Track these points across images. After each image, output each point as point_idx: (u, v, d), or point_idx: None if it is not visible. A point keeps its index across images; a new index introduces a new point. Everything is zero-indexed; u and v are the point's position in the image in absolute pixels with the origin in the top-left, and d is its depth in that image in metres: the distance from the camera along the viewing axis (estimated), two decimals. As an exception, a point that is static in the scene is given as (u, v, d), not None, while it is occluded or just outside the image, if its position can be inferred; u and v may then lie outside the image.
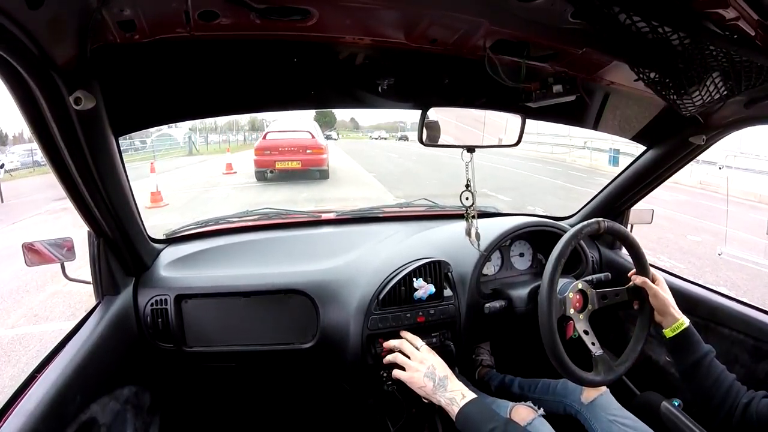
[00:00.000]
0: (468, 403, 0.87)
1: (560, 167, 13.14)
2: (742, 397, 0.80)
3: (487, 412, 0.86)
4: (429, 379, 0.92)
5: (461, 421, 0.87)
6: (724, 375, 0.84)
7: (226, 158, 12.40)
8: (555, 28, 0.79)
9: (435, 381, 0.91)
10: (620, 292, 0.95)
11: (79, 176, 0.82)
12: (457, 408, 0.87)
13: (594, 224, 0.95)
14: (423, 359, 0.95)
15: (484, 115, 1.09)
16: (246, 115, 38.67)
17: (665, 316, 0.93)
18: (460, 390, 0.90)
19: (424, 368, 0.93)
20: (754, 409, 0.78)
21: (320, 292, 1.25)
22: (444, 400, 0.89)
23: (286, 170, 8.62)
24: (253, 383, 1.56)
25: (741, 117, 1.02)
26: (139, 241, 1.17)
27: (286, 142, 8.61)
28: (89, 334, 0.96)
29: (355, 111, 62.49)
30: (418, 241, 1.43)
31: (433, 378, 0.91)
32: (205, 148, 22.38)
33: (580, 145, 14.97)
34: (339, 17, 0.76)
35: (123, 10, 0.65)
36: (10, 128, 20.66)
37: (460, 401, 0.87)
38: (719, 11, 0.60)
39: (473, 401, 0.88)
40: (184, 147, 20.15)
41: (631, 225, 1.54)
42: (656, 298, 0.95)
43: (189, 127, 22.33)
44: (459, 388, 0.90)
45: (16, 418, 0.72)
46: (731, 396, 0.81)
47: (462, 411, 0.87)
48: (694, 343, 0.88)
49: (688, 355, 0.87)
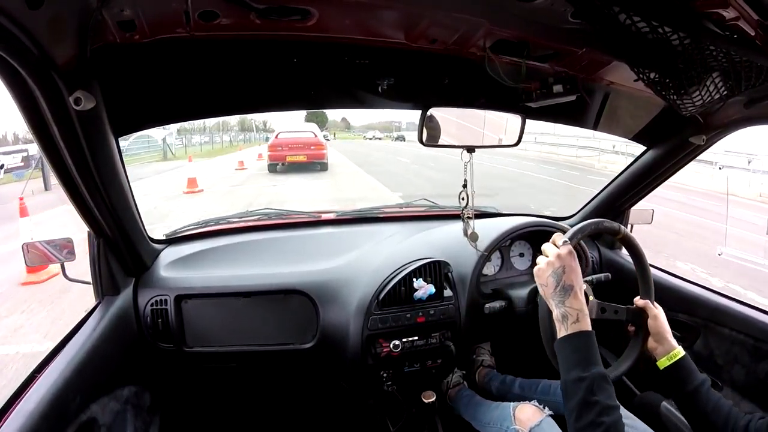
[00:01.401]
0: (571, 336, 0.75)
1: (596, 174, 10.53)
2: (740, 420, 0.80)
3: (587, 355, 0.73)
4: (553, 279, 0.80)
5: (558, 349, 0.78)
6: (722, 401, 0.82)
7: (193, 166, 9.66)
8: (555, 28, 0.79)
9: (559, 284, 0.79)
10: (620, 311, 0.92)
11: (79, 176, 0.82)
12: (562, 332, 0.77)
13: (615, 226, 0.91)
14: (560, 256, 0.81)
15: (484, 115, 1.09)
16: (236, 116, 38.40)
17: (661, 342, 0.88)
18: (578, 312, 0.76)
19: (555, 265, 0.80)
20: (753, 428, 0.77)
21: (320, 292, 1.25)
22: (556, 311, 0.79)
23: (295, 162, 10.82)
24: (253, 383, 1.56)
25: (741, 117, 1.02)
26: (139, 241, 1.17)
27: (294, 140, 10.78)
28: (89, 335, 0.96)
29: (346, 110, 62.40)
30: (418, 242, 1.43)
31: (558, 280, 0.79)
32: (183, 152, 19.18)
33: (609, 149, 13.42)
34: (339, 17, 0.76)
35: (123, 10, 0.65)
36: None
37: (569, 325, 0.76)
38: (719, 11, 0.60)
39: (579, 336, 0.75)
40: (160, 151, 17.11)
41: (631, 225, 1.54)
42: (656, 321, 0.89)
43: (165, 128, 16.45)
44: (579, 307, 0.77)
45: (16, 418, 0.72)
46: (731, 420, 0.79)
47: (560, 342, 0.77)
48: (692, 372, 0.85)
49: (686, 383, 0.84)
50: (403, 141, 31.19)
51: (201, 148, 22.30)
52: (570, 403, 0.71)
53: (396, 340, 1.21)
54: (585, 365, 0.72)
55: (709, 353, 1.18)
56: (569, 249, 0.82)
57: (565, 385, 0.73)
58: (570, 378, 0.72)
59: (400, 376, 1.27)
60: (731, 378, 1.13)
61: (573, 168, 12.50)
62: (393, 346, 1.20)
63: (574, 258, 0.81)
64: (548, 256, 0.83)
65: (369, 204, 1.99)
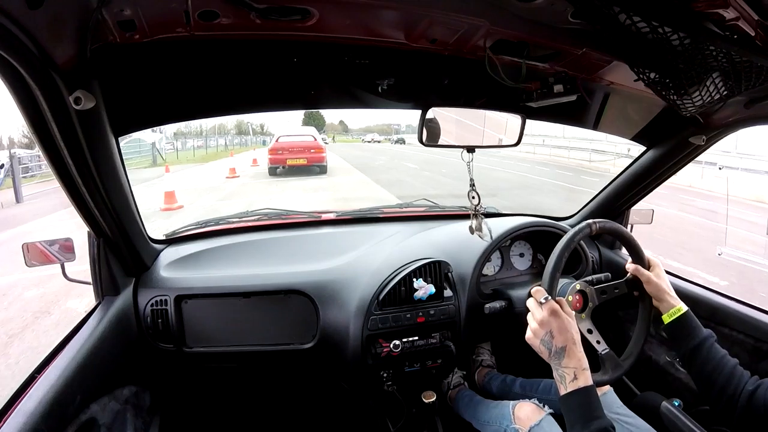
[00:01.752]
0: (571, 394, 0.77)
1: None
2: (747, 383, 0.77)
3: (587, 411, 0.75)
4: (545, 347, 0.81)
5: (561, 405, 0.79)
6: (726, 359, 0.81)
7: (171, 177, 8.45)
8: (555, 28, 0.79)
9: (551, 350, 0.80)
10: (619, 285, 0.94)
11: (79, 176, 0.82)
12: (562, 391, 0.78)
13: (585, 228, 0.91)
14: (543, 322, 0.81)
15: (484, 115, 1.09)
16: (233, 119, 37.23)
17: (661, 302, 0.90)
18: (574, 369, 0.78)
19: (541, 333, 0.81)
20: (762, 396, 0.75)
21: (320, 292, 1.25)
22: (555, 374, 0.80)
23: (295, 166, 11.07)
24: (253, 383, 1.56)
25: (741, 117, 1.02)
26: (139, 241, 1.17)
27: (294, 144, 11.08)
28: (89, 334, 0.96)
29: (344, 113, 61.84)
30: (418, 242, 1.43)
31: (549, 347, 0.80)
32: (174, 156, 18.13)
33: (624, 153, 12.21)
34: (339, 17, 0.76)
35: (123, 10, 0.65)
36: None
37: (568, 384, 0.77)
38: (719, 11, 0.60)
39: (579, 393, 0.77)
40: (150, 156, 15.99)
41: (631, 225, 1.54)
42: (650, 284, 0.92)
43: (156, 131, 16.19)
44: (574, 365, 0.78)
45: (17, 417, 0.72)
46: (734, 382, 0.77)
47: (561, 400, 0.79)
48: (693, 329, 0.85)
49: (687, 340, 0.84)
50: (403, 144, 30.96)
51: (194, 152, 20.65)
52: None
53: (396, 340, 1.21)
54: (585, 420, 0.74)
55: None
56: (550, 308, 0.81)
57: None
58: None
59: (400, 376, 1.27)
60: None
61: (593, 174, 11.71)
62: (393, 346, 1.20)
63: (559, 315, 0.81)
64: (535, 316, 0.83)
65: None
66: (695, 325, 0.85)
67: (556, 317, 0.81)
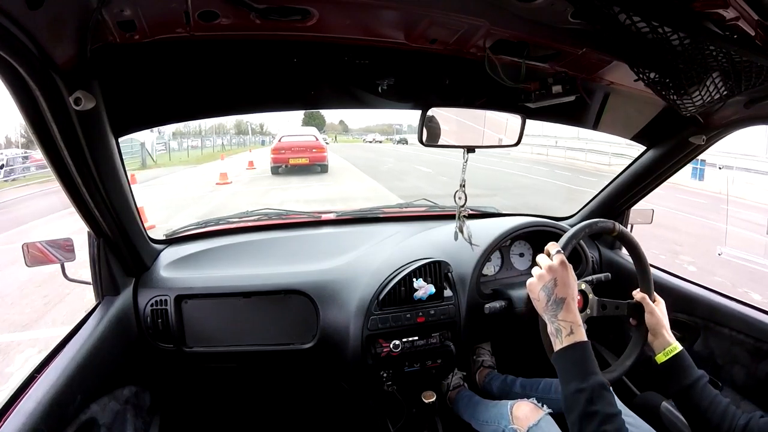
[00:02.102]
0: (566, 349, 0.75)
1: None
2: (739, 419, 0.79)
3: (583, 366, 0.73)
4: (544, 294, 0.80)
5: (554, 362, 0.77)
6: (719, 398, 0.82)
7: (137, 189, 4.78)
8: (555, 28, 0.79)
9: (550, 299, 0.79)
10: (620, 306, 0.93)
11: (79, 176, 0.82)
12: (557, 346, 0.77)
13: (609, 224, 0.91)
14: (551, 268, 0.81)
15: (484, 115, 1.09)
16: (232, 119, 36.84)
17: (657, 337, 0.89)
18: (571, 324, 0.76)
19: (546, 278, 0.80)
20: (755, 426, 0.76)
21: (320, 292, 1.25)
22: (549, 326, 0.79)
23: (297, 165, 11.27)
24: (253, 383, 1.56)
25: (741, 117, 1.02)
26: (139, 241, 1.17)
27: (296, 143, 11.28)
28: (89, 334, 0.96)
29: (344, 113, 61.67)
30: (418, 242, 1.43)
31: (549, 295, 0.79)
32: (167, 158, 16.92)
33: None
34: (339, 17, 0.76)
35: (123, 10, 0.65)
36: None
37: (564, 338, 0.76)
38: (719, 11, 0.60)
39: (574, 348, 0.75)
40: (140, 157, 14.43)
41: (631, 225, 1.54)
42: (652, 316, 0.91)
43: (151, 130, 13.02)
44: (571, 320, 0.77)
45: (17, 417, 0.72)
46: (728, 419, 0.78)
47: (556, 356, 0.77)
48: (688, 368, 0.85)
49: (682, 379, 0.84)
50: (405, 144, 30.70)
51: (189, 153, 19.25)
52: (571, 416, 0.71)
53: (396, 340, 1.21)
54: (582, 376, 0.72)
55: (709, 353, 1.18)
56: (561, 259, 0.82)
57: (565, 398, 0.73)
58: (569, 391, 0.72)
59: (400, 376, 1.27)
60: (731, 378, 1.13)
61: (606, 177, 10.72)
62: (393, 346, 1.20)
63: (566, 268, 0.81)
64: (542, 263, 0.83)
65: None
66: (690, 365, 0.85)
67: (564, 268, 0.81)
